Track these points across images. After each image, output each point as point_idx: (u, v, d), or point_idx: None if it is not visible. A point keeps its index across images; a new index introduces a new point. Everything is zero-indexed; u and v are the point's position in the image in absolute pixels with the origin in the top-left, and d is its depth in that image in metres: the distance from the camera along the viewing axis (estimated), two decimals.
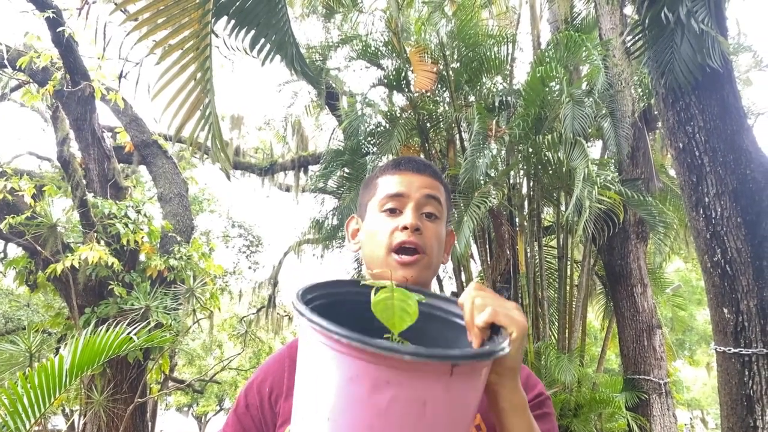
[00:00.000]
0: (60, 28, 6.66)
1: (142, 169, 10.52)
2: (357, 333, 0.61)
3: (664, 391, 5.99)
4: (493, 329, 0.76)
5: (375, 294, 0.71)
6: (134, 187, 9.62)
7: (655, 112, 6.35)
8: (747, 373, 2.88)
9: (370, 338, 0.59)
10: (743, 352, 2.89)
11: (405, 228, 1.00)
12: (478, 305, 0.76)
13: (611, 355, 11.14)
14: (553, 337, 6.38)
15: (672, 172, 7.24)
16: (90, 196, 6.99)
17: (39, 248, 6.77)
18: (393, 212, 1.03)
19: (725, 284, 2.99)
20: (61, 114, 7.66)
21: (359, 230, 1.12)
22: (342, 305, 0.81)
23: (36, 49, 7.47)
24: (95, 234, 6.85)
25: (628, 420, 5.74)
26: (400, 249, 1.00)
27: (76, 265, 6.47)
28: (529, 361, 5.73)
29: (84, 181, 7.35)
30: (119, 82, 7.95)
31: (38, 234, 6.69)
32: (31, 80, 8.05)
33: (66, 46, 6.89)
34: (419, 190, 1.04)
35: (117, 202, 7.18)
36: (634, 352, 6.15)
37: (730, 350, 2.94)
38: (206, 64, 2.13)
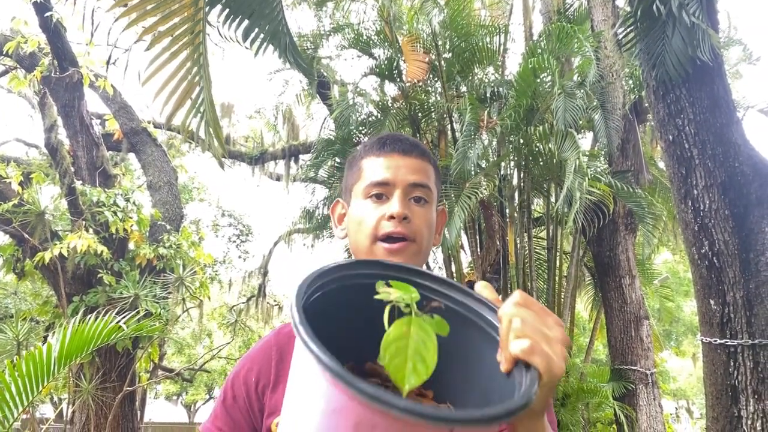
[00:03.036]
0: (48, 13, 6.57)
1: (131, 156, 10.43)
2: (353, 360, 0.55)
3: (650, 381, 6.05)
4: None
5: (389, 324, 0.57)
6: (123, 175, 9.54)
7: (646, 105, 6.38)
8: (732, 363, 2.92)
9: (360, 380, 0.49)
10: (729, 343, 2.93)
11: (392, 217, 0.95)
12: (515, 329, 0.62)
13: (599, 345, 11.24)
14: None
15: (661, 165, 7.30)
16: (78, 184, 6.93)
17: (26, 236, 6.71)
18: (379, 198, 0.98)
19: (712, 276, 3.02)
20: (48, 100, 7.57)
21: (345, 215, 1.06)
22: (350, 290, 0.69)
23: (23, 34, 7.35)
24: (84, 222, 6.80)
25: (614, 409, 5.80)
26: (387, 238, 0.96)
27: (65, 253, 6.42)
28: None
29: (72, 169, 7.28)
30: (107, 67, 7.86)
31: (26, 221, 6.64)
32: (18, 66, 7.94)
33: (54, 32, 6.80)
34: (406, 175, 0.98)
35: (106, 189, 7.13)
36: (621, 343, 6.21)
37: (716, 341, 2.98)
38: (199, 50, 2.11)
